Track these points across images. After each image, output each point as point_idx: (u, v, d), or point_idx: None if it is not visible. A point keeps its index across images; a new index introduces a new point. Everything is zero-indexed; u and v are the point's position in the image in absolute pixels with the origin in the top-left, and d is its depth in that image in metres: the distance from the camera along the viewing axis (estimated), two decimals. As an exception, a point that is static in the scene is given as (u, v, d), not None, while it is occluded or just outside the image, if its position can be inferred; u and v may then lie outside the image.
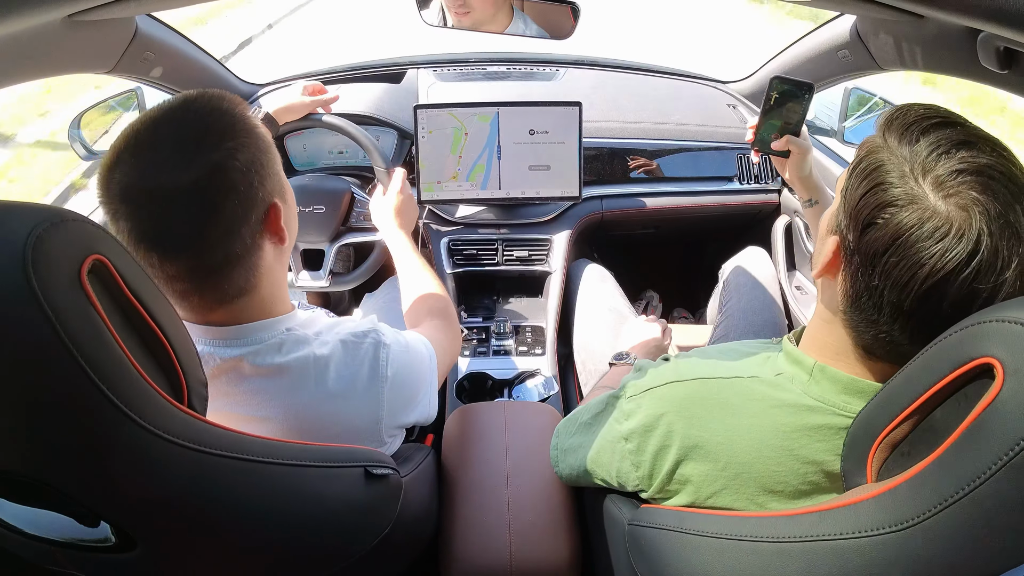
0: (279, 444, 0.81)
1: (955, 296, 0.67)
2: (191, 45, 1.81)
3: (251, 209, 0.87)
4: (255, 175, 0.87)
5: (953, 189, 0.67)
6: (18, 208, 0.57)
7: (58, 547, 0.70)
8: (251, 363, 0.91)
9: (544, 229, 2.00)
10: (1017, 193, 0.67)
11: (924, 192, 0.68)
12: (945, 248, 0.66)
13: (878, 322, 0.74)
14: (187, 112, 0.85)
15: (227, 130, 0.85)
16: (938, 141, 0.70)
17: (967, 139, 0.69)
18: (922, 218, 0.67)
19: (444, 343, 1.28)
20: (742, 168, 2.13)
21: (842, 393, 0.80)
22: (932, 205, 0.67)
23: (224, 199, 0.83)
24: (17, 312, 0.53)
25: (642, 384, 0.95)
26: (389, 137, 2.09)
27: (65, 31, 1.08)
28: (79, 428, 0.58)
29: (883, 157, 0.73)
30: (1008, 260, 0.66)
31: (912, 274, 0.68)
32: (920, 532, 0.59)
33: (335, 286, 1.82)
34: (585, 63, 2.48)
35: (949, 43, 1.10)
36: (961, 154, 0.68)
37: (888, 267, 0.70)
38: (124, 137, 0.82)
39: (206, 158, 0.82)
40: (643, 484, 0.94)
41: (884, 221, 0.70)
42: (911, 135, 0.72)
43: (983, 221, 0.65)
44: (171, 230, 0.81)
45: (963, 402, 0.60)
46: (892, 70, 1.50)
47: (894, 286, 0.70)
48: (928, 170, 0.69)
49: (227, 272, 0.88)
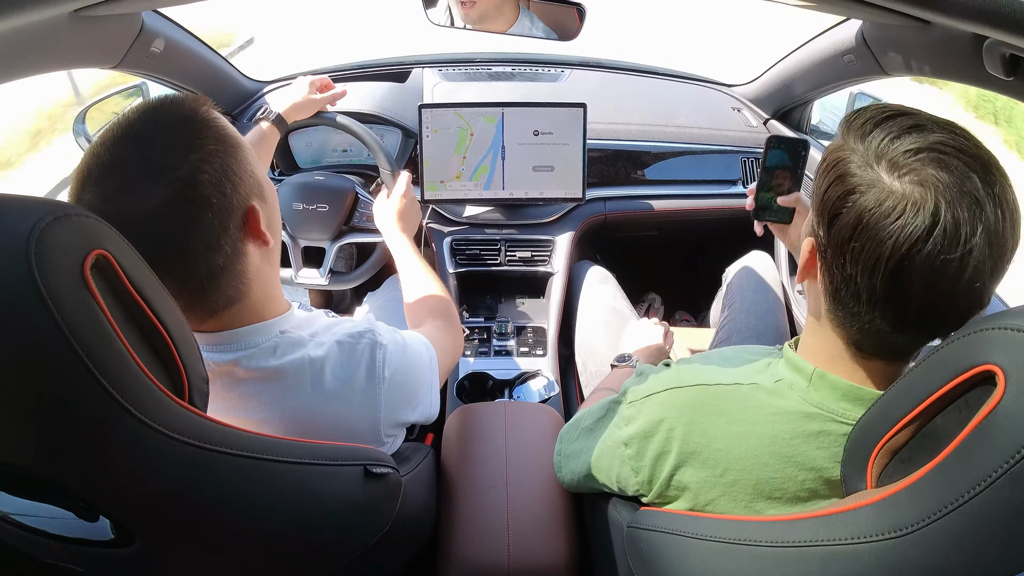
0: (279, 441, 0.81)
1: (925, 271, 0.68)
2: (196, 41, 1.81)
3: (228, 218, 0.84)
4: (227, 183, 0.83)
5: (907, 168, 0.69)
6: (22, 202, 0.57)
7: (56, 541, 0.70)
8: (245, 367, 0.90)
9: (547, 230, 2.00)
10: (971, 163, 0.68)
11: (880, 175, 0.70)
12: (904, 223, 0.67)
13: (859, 313, 0.75)
14: (147, 127, 0.81)
15: (192, 141, 0.81)
16: (889, 129, 0.72)
17: (917, 124, 0.72)
18: (879, 198, 0.69)
19: (445, 343, 1.27)
20: (746, 171, 2.13)
21: (841, 400, 0.80)
22: (888, 185, 0.69)
23: (198, 214, 0.80)
24: (19, 306, 0.53)
25: (643, 390, 0.95)
26: (393, 136, 2.09)
27: (71, 26, 1.08)
28: (79, 422, 0.58)
29: (843, 154, 0.75)
30: (972, 227, 0.66)
31: (878, 254, 0.69)
32: (919, 539, 0.58)
33: (335, 284, 1.82)
34: (590, 64, 2.48)
35: (955, 49, 1.10)
36: (912, 136, 0.70)
37: (855, 252, 0.72)
38: (86, 162, 0.79)
39: (172, 175, 0.78)
40: (642, 489, 0.95)
41: (847, 209, 0.72)
42: (864, 129, 0.74)
43: (938, 192, 0.67)
44: (149, 253, 0.74)
45: (964, 409, 0.60)
46: (898, 75, 1.49)
47: (864, 270, 0.71)
48: (883, 155, 0.71)
49: (213, 285, 0.85)
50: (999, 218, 0.67)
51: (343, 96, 1.72)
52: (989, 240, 0.67)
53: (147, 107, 0.84)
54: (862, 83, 1.81)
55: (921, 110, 0.75)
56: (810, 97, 2.05)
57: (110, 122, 0.83)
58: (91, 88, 6.27)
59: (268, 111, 1.56)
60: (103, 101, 1.83)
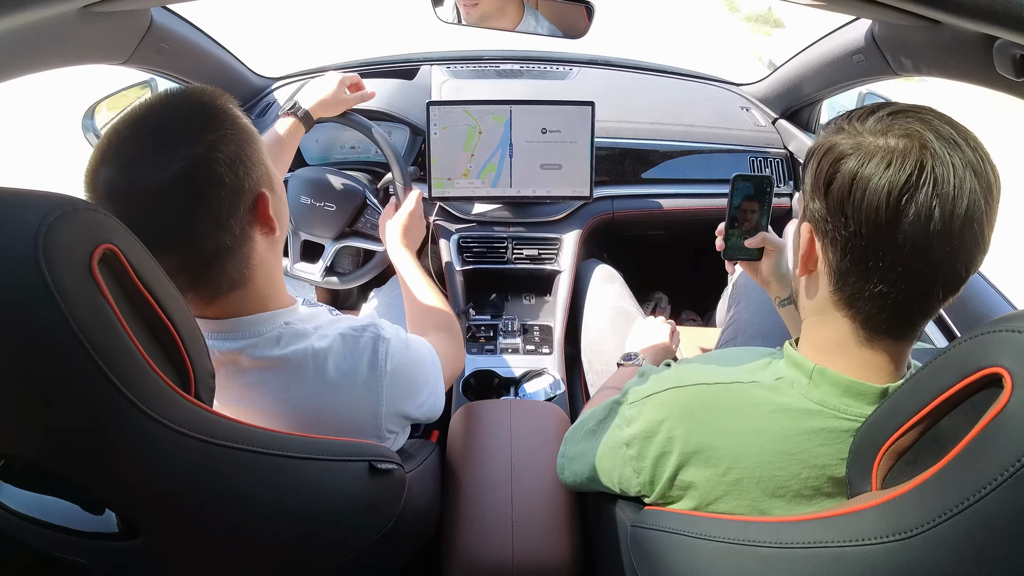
0: (284, 436, 0.81)
1: (924, 210, 0.70)
2: (206, 38, 1.81)
3: (239, 200, 0.87)
4: (240, 166, 0.87)
5: (888, 128, 0.74)
6: (31, 196, 0.57)
7: (62, 533, 0.71)
8: (249, 356, 0.91)
9: (554, 228, 2.00)
10: (942, 119, 0.73)
11: (865, 138, 0.74)
12: (894, 169, 0.71)
13: (867, 274, 0.76)
14: (167, 108, 0.85)
15: (208, 123, 0.85)
16: (882, 114, 0.76)
17: (910, 110, 0.75)
18: (868, 154, 0.73)
19: (448, 354, 1.28)
20: (754, 171, 2.12)
21: (843, 396, 0.80)
22: (874, 142, 0.73)
23: (209, 191, 0.83)
24: (28, 299, 0.53)
25: (643, 390, 0.96)
26: (401, 133, 2.09)
27: (81, 22, 1.09)
28: (86, 416, 0.59)
29: (829, 137, 0.79)
30: (958, 164, 0.70)
31: (876, 202, 0.72)
32: (924, 542, 0.58)
33: (327, 284, 1.84)
34: (598, 63, 2.47)
35: (965, 50, 1.10)
36: (889, 107, 0.76)
37: (855, 207, 0.73)
38: (107, 137, 0.82)
39: (188, 151, 0.81)
40: (644, 490, 0.95)
41: (841, 172, 0.75)
42: (853, 117, 0.78)
43: (921, 140, 0.71)
44: (160, 225, 0.80)
45: (971, 412, 0.59)
46: (907, 76, 1.49)
47: (866, 223, 0.73)
48: (865, 125, 0.76)
49: (219, 265, 0.87)
50: (979, 158, 0.71)
51: (371, 97, 1.70)
52: (975, 173, 0.70)
53: (168, 93, 0.88)
54: (871, 83, 1.80)
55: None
56: (819, 97, 2.04)
57: (130, 105, 0.85)
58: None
59: (296, 106, 1.54)
60: (112, 97, 1.83)
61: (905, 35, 1.36)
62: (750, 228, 1.31)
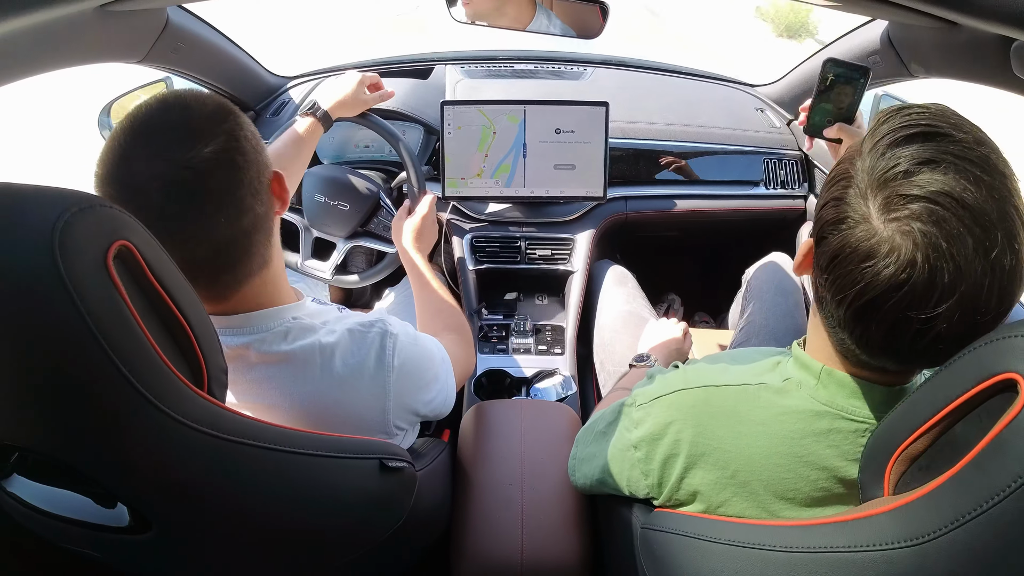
0: (296, 433, 0.81)
1: (890, 319, 0.67)
2: (221, 37, 1.82)
3: (264, 173, 0.91)
4: (259, 143, 0.91)
5: (899, 213, 0.65)
6: (47, 193, 0.58)
7: (74, 526, 0.72)
8: (257, 351, 0.92)
9: (567, 228, 2.00)
10: (971, 225, 0.63)
11: (871, 212, 0.67)
12: (877, 270, 0.66)
13: (835, 329, 0.76)
14: (185, 99, 0.86)
15: (222, 110, 0.88)
16: (903, 157, 0.67)
17: (935, 157, 0.65)
18: (862, 238, 0.67)
19: (458, 355, 1.29)
20: (768, 172, 2.11)
21: (851, 397, 0.79)
22: (875, 227, 0.67)
23: (245, 165, 0.86)
24: (43, 294, 0.54)
25: (651, 392, 0.95)
26: (415, 132, 2.09)
27: (97, 21, 1.10)
28: (100, 410, 0.59)
29: (853, 167, 0.72)
30: (945, 293, 0.63)
31: (845, 293, 0.69)
32: (936, 548, 0.58)
33: (337, 282, 1.85)
34: (612, 63, 2.47)
35: (982, 51, 1.09)
36: (922, 176, 0.65)
37: (829, 282, 0.72)
38: (124, 132, 0.82)
39: (219, 130, 0.84)
40: (653, 492, 0.94)
41: (833, 237, 0.71)
42: (883, 146, 0.69)
43: (917, 248, 0.63)
44: (202, 204, 0.82)
45: (985, 417, 0.59)
46: (923, 77, 1.47)
47: (833, 299, 0.72)
48: (882, 188, 0.67)
49: (251, 239, 0.89)
50: (984, 287, 0.63)
51: (391, 97, 1.70)
52: (962, 307, 0.64)
53: (173, 91, 0.90)
54: (888, 84, 1.79)
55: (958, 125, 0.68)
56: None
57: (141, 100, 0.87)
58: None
59: (315, 106, 1.54)
60: (128, 95, 1.85)
61: (921, 36, 1.35)
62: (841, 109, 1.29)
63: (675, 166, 2.10)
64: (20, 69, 1.02)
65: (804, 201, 2.12)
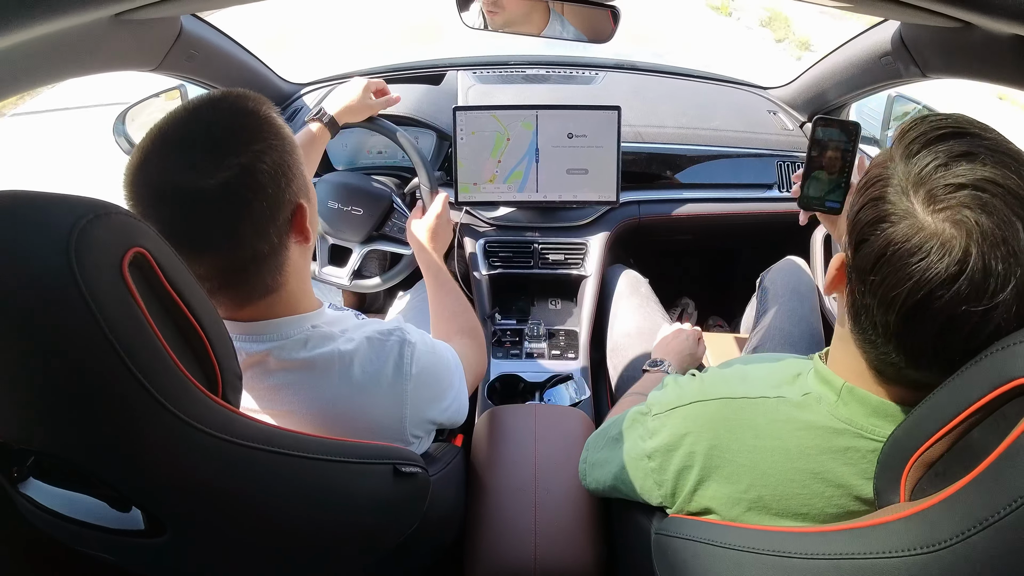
0: (309, 438, 0.82)
1: (943, 318, 0.64)
2: (234, 44, 1.84)
3: (279, 210, 0.88)
4: (282, 177, 0.88)
5: (945, 203, 0.64)
6: (64, 200, 0.58)
7: (88, 529, 0.72)
8: (277, 358, 0.92)
9: (580, 233, 1.99)
10: (1019, 210, 0.62)
11: (915, 207, 0.65)
12: (928, 264, 0.63)
13: (875, 342, 0.72)
14: (214, 113, 0.86)
15: (255, 132, 0.87)
16: (938, 153, 0.66)
17: (971, 150, 0.65)
18: (908, 233, 0.65)
19: (471, 359, 1.29)
20: (782, 175, 2.10)
21: (871, 416, 0.78)
22: (921, 220, 0.65)
23: (253, 200, 0.85)
24: (59, 300, 0.54)
25: (668, 402, 0.95)
26: (428, 138, 2.10)
27: (112, 29, 1.11)
28: (114, 414, 0.60)
29: (885, 172, 0.70)
30: (1003, 281, 0.62)
31: (895, 292, 0.66)
32: (953, 555, 0.57)
33: (355, 287, 1.84)
34: (624, 67, 2.47)
35: (996, 51, 1.08)
36: (961, 167, 0.64)
37: (874, 285, 0.68)
38: (151, 137, 0.84)
39: (235, 160, 0.83)
40: (666, 502, 0.94)
41: (875, 237, 0.68)
42: (914, 147, 0.69)
43: (971, 237, 0.62)
44: (201, 229, 0.82)
45: (1002, 422, 0.58)
46: (936, 78, 1.46)
47: (880, 304, 0.68)
48: (922, 183, 0.66)
49: (255, 271, 0.89)
50: None
51: (397, 102, 1.70)
52: (1020, 296, 0.62)
53: (213, 96, 0.90)
54: (901, 86, 1.78)
55: (984, 128, 0.69)
56: (847, 100, 2.02)
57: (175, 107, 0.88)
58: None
59: (322, 112, 1.55)
60: (143, 103, 1.86)
61: (934, 36, 1.34)
62: (833, 176, 1.19)
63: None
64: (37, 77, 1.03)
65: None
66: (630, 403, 1.22)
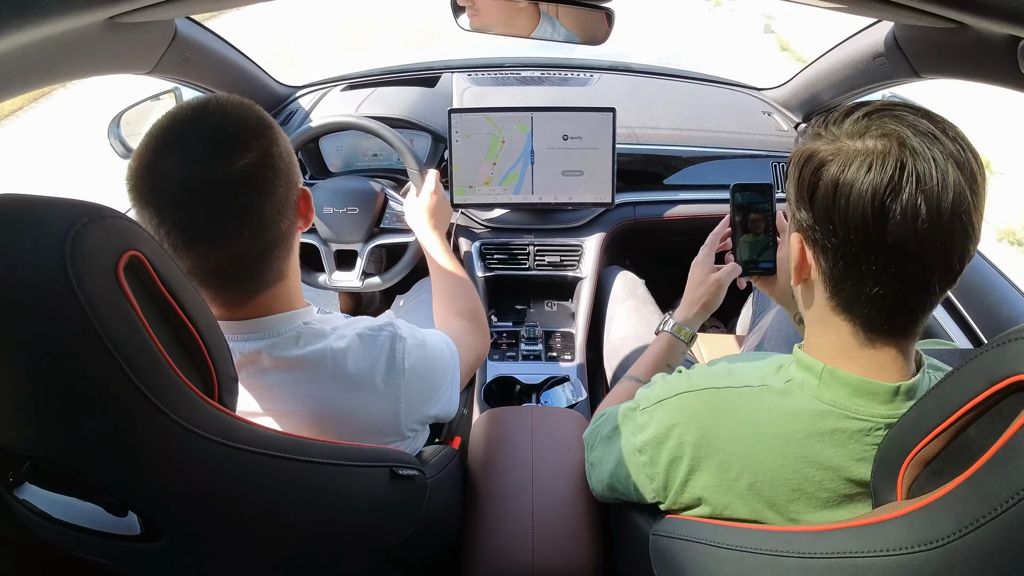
0: (305, 441, 0.82)
1: (910, 208, 0.70)
2: (229, 48, 1.84)
3: (292, 191, 0.93)
4: (291, 161, 0.93)
5: (866, 129, 0.73)
6: (59, 204, 0.58)
7: (85, 534, 0.72)
8: (270, 356, 0.92)
9: (576, 234, 2.00)
10: (917, 112, 0.73)
11: (844, 142, 0.74)
12: (875, 172, 0.70)
13: (862, 279, 0.75)
14: (221, 107, 0.88)
15: (262, 123, 0.90)
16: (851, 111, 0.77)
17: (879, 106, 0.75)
18: (848, 159, 0.73)
19: (470, 343, 1.29)
20: (777, 176, 2.11)
21: (853, 396, 0.79)
22: (852, 147, 0.73)
23: (275, 180, 0.88)
24: (54, 304, 0.54)
25: (654, 396, 0.96)
26: (423, 140, 2.10)
27: (107, 32, 1.10)
28: (110, 419, 0.60)
29: (808, 144, 0.79)
30: (939, 158, 0.69)
31: (861, 207, 0.71)
32: (950, 553, 0.57)
33: (368, 287, 1.83)
34: (619, 69, 2.47)
35: (989, 51, 1.08)
36: (867, 108, 0.76)
37: (841, 212, 0.73)
38: (159, 133, 0.84)
39: (253, 144, 0.86)
40: (659, 496, 0.94)
41: (823, 180, 0.75)
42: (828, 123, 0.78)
43: (898, 139, 0.71)
44: (227, 216, 0.84)
45: (998, 420, 0.58)
46: (931, 78, 1.47)
47: (854, 228, 0.73)
48: (842, 128, 0.76)
49: (273, 253, 0.92)
50: (959, 149, 0.71)
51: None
52: (957, 165, 0.70)
53: (214, 96, 0.92)
54: (894, 86, 1.78)
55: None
56: (842, 101, 2.02)
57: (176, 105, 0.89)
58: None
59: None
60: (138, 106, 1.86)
61: (928, 37, 1.34)
62: (760, 237, 1.25)
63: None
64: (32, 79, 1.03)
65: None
66: (625, 388, 1.25)
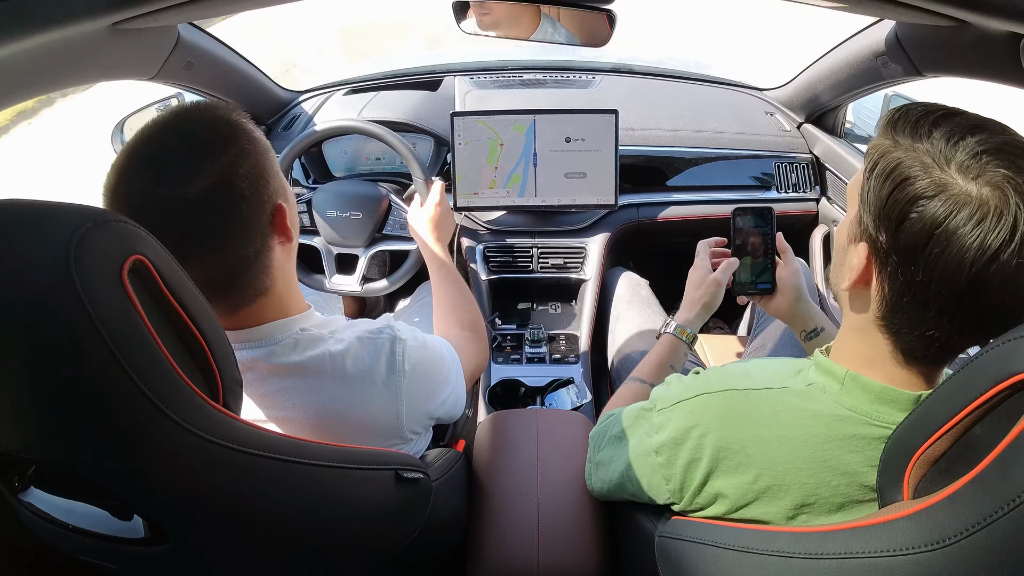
0: (310, 444, 0.82)
1: (1004, 276, 0.66)
2: (232, 53, 1.84)
3: (259, 212, 0.89)
4: (259, 180, 0.89)
5: (979, 170, 0.67)
6: (63, 208, 0.58)
7: (90, 538, 0.72)
8: (268, 363, 0.92)
9: (579, 236, 2.00)
10: None
11: (952, 179, 0.68)
12: (986, 230, 0.65)
13: (924, 320, 0.73)
14: (187, 123, 0.86)
15: (229, 138, 0.87)
16: (950, 129, 0.70)
17: (976, 123, 0.70)
18: (957, 204, 0.67)
19: (469, 353, 1.29)
20: (780, 176, 2.11)
21: (875, 402, 0.79)
22: (964, 189, 0.67)
23: (234, 206, 0.85)
24: (59, 308, 0.54)
25: (672, 396, 0.95)
26: (426, 144, 2.10)
27: (110, 38, 1.11)
28: (115, 423, 0.60)
29: (899, 155, 0.72)
30: None
31: (958, 262, 0.67)
32: (958, 552, 0.57)
33: (368, 291, 1.83)
34: (621, 70, 2.47)
35: (991, 49, 1.08)
36: (977, 137, 0.68)
37: (932, 260, 0.68)
38: (126, 154, 0.83)
39: (212, 167, 0.83)
40: (674, 497, 0.94)
41: (918, 215, 0.69)
42: (921, 129, 0.71)
43: (1016, 196, 0.65)
44: (187, 240, 0.81)
45: (1004, 418, 0.58)
46: (932, 76, 1.46)
47: (941, 278, 0.69)
48: (950, 157, 0.68)
49: (243, 274, 0.89)
50: None
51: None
52: None
53: (182, 108, 0.89)
54: (897, 85, 1.78)
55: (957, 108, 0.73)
56: (844, 100, 2.02)
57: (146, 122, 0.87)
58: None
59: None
60: (141, 111, 1.86)
61: (929, 35, 1.34)
62: (759, 260, 1.27)
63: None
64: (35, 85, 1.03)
65: (816, 204, 2.11)
66: (630, 389, 1.24)
